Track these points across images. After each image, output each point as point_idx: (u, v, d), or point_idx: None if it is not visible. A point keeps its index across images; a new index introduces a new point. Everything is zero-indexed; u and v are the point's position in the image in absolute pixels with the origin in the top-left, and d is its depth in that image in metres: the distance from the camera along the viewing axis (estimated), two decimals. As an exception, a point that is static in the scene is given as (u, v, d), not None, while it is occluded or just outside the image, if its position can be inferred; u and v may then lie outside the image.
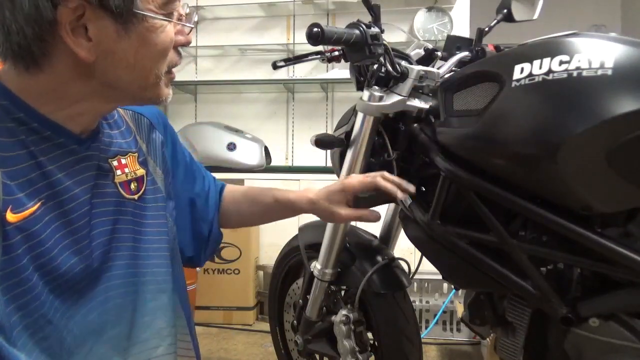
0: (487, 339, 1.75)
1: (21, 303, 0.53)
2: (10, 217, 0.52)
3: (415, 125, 1.06)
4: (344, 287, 1.34)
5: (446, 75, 1.06)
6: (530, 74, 0.80)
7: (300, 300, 1.39)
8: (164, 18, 0.58)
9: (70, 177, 0.60)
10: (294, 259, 1.50)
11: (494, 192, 0.88)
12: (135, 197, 0.69)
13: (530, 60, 0.81)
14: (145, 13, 0.56)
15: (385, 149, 1.13)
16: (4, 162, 0.53)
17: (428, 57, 1.22)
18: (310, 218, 1.60)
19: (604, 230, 0.84)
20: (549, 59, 0.79)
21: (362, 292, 1.23)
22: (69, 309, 0.59)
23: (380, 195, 0.89)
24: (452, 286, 1.87)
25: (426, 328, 2.37)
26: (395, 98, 1.06)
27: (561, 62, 0.78)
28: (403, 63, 1.08)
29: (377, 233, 1.42)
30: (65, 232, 0.59)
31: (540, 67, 0.79)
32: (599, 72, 0.75)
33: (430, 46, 1.23)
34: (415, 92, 1.07)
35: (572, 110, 0.77)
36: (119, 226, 0.66)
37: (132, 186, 0.69)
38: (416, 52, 1.23)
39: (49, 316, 0.56)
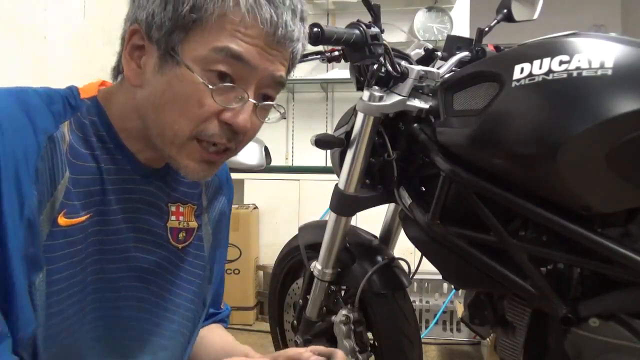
0: (487, 339, 1.75)
1: (48, 302, 0.54)
2: (62, 220, 0.54)
3: (415, 125, 1.06)
4: (344, 287, 1.35)
5: (446, 75, 1.06)
6: (530, 74, 0.80)
7: (300, 300, 1.39)
8: (195, 71, 0.53)
9: (120, 202, 0.61)
10: (294, 259, 1.50)
11: (494, 192, 0.88)
12: (180, 246, 0.68)
13: (530, 60, 0.81)
14: (179, 58, 0.54)
15: (385, 149, 1.13)
16: (74, 168, 0.56)
17: (428, 57, 1.22)
18: (310, 218, 1.61)
19: (604, 230, 0.84)
20: (549, 59, 0.79)
21: (362, 292, 1.23)
22: (77, 322, 0.59)
23: None
24: (452, 286, 1.87)
25: (426, 328, 2.37)
26: (395, 98, 1.06)
27: (561, 62, 0.78)
28: (403, 63, 1.08)
29: (377, 233, 1.43)
30: (96, 249, 0.59)
31: (540, 67, 0.79)
32: (599, 72, 0.75)
33: (430, 46, 1.24)
34: (415, 92, 1.07)
35: (572, 110, 0.77)
36: (155, 269, 0.66)
37: (180, 235, 0.69)
38: (416, 52, 1.23)
39: (65, 322, 0.57)
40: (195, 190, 0.72)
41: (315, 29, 0.95)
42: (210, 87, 0.53)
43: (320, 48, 1.15)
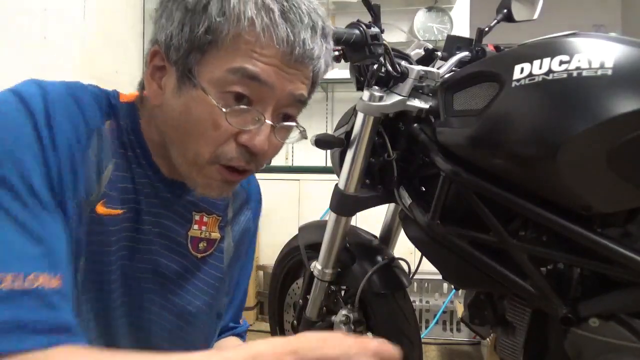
0: (487, 339, 1.75)
1: (83, 283, 0.56)
2: (100, 209, 0.56)
3: (415, 125, 1.06)
4: (344, 287, 1.35)
5: (446, 75, 1.06)
6: (530, 74, 0.80)
7: (300, 300, 1.39)
8: (210, 94, 0.53)
9: (146, 205, 0.62)
10: (294, 259, 1.50)
11: (494, 192, 0.88)
12: (199, 255, 0.69)
13: (530, 60, 0.81)
14: (195, 80, 0.53)
15: (385, 149, 1.13)
16: (114, 164, 0.58)
17: (428, 57, 1.22)
18: (310, 218, 1.61)
19: (604, 230, 0.84)
20: (549, 59, 0.79)
21: (362, 292, 1.23)
22: (108, 310, 0.60)
23: None
24: (452, 286, 1.87)
25: (426, 328, 2.37)
26: (395, 98, 1.06)
27: (561, 62, 0.78)
28: (403, 63, 1.08)
29: (377, 233, 1.43)
30: (126, 245, 0.60)
31: (540, 67, 0.79)
32: (599, 72, 0.75)
33: (430, 46, 1.24)
34: (415, 92, 1.07)
35: (572, 110, 0.77)
36: (172, 275, 0.66)
37: (201, 245, 0.69)
38: (416, 52, 1.23)
39: (96, 304, 0.59)
40: (221, 202, 0.71)
41: (315, 29, 0.95)
42: (223, 110, 0.53)
43: (320, 48, 1.15)
